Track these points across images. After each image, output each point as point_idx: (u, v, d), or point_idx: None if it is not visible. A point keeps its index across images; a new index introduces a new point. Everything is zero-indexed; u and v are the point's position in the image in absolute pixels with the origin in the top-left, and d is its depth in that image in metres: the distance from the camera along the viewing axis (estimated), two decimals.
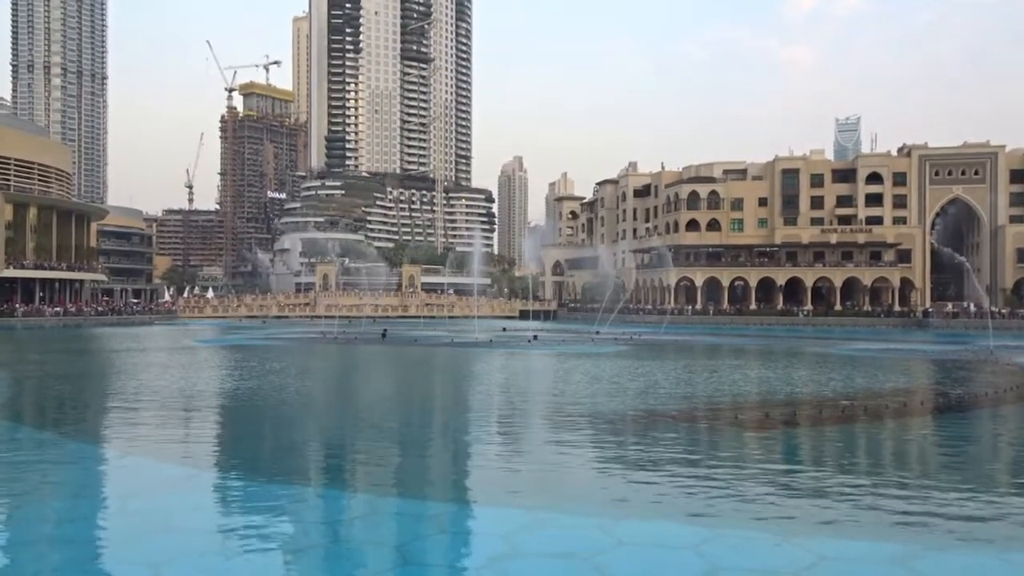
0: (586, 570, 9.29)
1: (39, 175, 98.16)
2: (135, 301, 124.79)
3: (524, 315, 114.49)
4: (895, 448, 18.57)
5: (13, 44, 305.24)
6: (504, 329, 70.28)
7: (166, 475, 14.68)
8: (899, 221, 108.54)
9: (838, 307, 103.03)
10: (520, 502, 12.56)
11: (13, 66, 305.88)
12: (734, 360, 41.94)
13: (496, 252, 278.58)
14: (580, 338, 59.59)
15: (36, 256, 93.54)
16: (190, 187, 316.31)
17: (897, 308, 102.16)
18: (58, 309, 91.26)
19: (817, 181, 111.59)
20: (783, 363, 39.70)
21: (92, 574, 9.42)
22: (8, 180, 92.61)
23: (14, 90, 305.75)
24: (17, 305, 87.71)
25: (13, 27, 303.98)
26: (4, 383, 30.76)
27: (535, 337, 56.45)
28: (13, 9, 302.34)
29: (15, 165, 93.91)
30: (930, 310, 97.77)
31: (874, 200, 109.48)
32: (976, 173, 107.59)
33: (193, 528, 11.04)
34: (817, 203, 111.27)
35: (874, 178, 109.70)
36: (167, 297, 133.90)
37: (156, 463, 15.64)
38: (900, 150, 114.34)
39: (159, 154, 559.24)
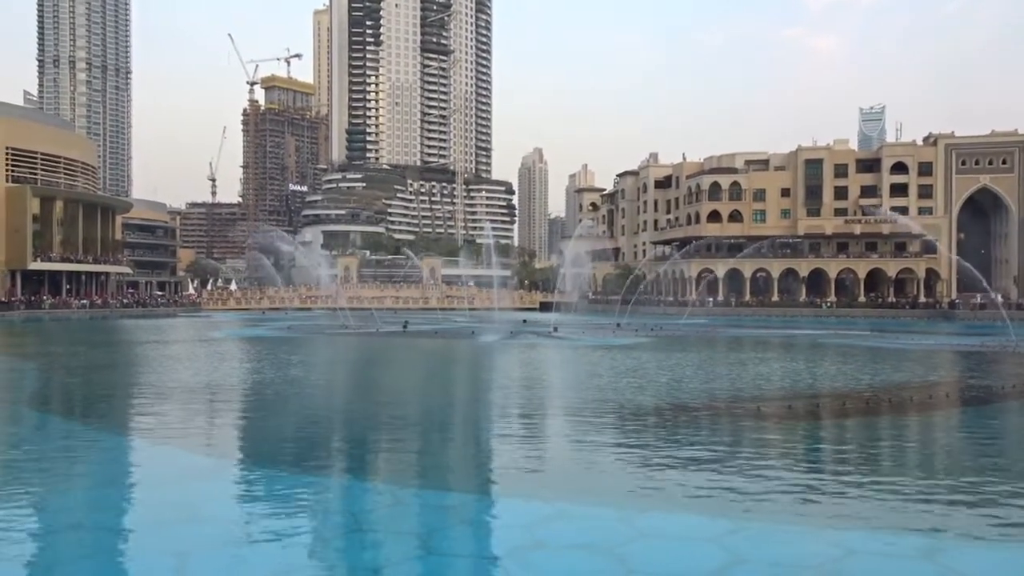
0: (608, 562, 9.27)
1: (65, 169, 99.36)
2: (160, 293, 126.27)
3: (545, 307, 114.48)
4: (920, 440, 18.38)
5: (39, 39, 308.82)
6: (525, 321, 70.24)
7: (192, 465, 14.84)
8: (925, 211, 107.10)
9: (862, 298, 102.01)
10: (542, 494, 12.55)
11: (39, 61, 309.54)
12: (756, 352, 41.64)
13: (516, 244, 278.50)
14: (601, 330, 59.44)
15: (63, 249, 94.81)
16: (213, 180, 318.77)
17: (923, 299, 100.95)
18: (84, 301, 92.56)
19: (841, 171, 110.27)
20: (806, 355, 39.37)
21: (119, 562, 9.54)
22: (35, 174, 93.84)
23: (40, 85, 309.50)
24: (45, 297, 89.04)
25: (39, 22, 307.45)
26: (33, 374, 31.23)
27: (555, 329, 56.39)
28: (39, 4, 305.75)
29: (42, 159, 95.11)
30: (956, 301, 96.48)
31: (899, 190, 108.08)
32: (1004, 162, 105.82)
33: (218, 517, 11.15)
34: (841, 193, 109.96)
35: (899, 168, 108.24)
36: (191, 289, 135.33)
37: (182, 453, 15.81)
38: (926, 139, 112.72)
39: (182, 147, 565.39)
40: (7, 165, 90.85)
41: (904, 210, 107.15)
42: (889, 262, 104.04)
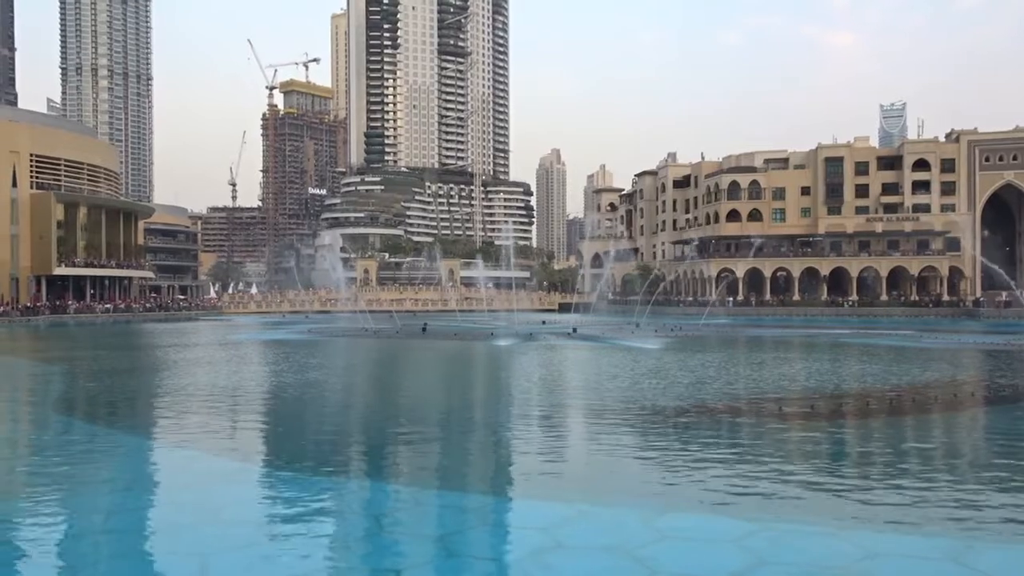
0: (628, 563, 9.22)
1: (88, 175, 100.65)
2: (181, 297, 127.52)
3: (564, 308, 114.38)
4: (946, 440, 18.13)
5: (62, 47, 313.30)
6: (544, 322, 70.17)
7: (214, 468, 14.93)
8: (947, 208, 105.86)
9: (884, 297, 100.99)
10: (561, 495, 12.52)
11: (62, 69, 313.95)
12: (777, 352, 41.33)
13: (535, 245, 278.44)
14: (620, 331, 59.21)
15: (86, 254, 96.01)
16: (233, 184, 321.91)
17: (946, 298, 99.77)
18: (108, 305, 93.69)
19: (862, 169, 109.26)
20: (828, 355, 39.02)
21: (143, 564, 9.62)
22: (59, 180, 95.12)
23: (63, 92, 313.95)
24: (69, 302, 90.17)
25: (62, 31, 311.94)
26: (58, 377, 31.61)
27: (575, 330, 56.27)
28: (62, 13, 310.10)
29: (65, 166, 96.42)
30: (981, 299, 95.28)
31: (921, 187, 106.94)
32: None
33: (241, 520, 11.21)
34: (862, 191, 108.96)
35: (921, 165, 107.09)
36: (212, 293, 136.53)
37: (205, 456, 15.93)
38: (948, 136, 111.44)
39: (203, 152, 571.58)
40: (32, 172, 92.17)
41: (926, 207, 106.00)
42: (912, 260, 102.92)
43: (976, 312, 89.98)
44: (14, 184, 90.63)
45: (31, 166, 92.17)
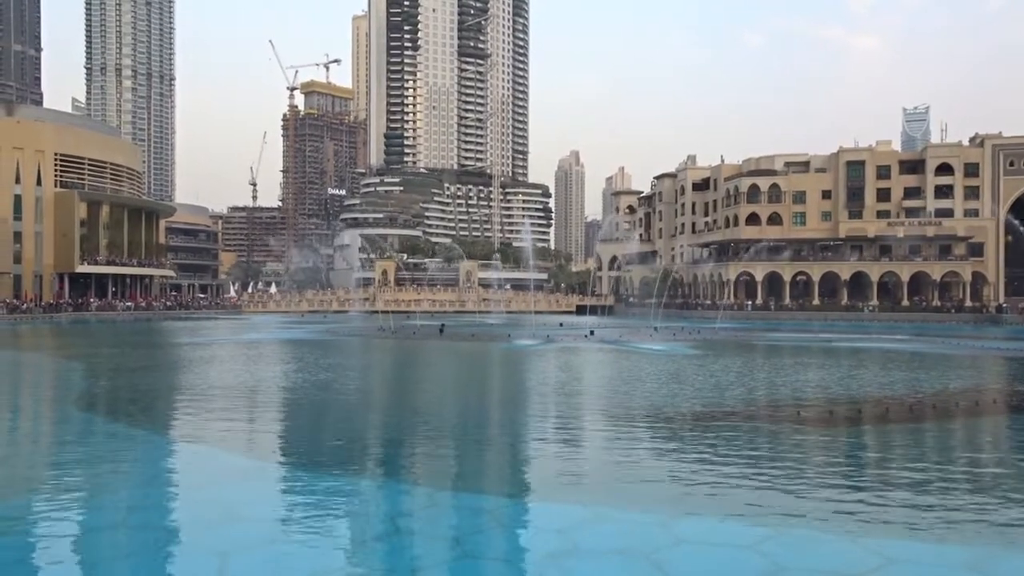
0: (645, 567, 9.21)
1: (111, 174, 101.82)
2: (202, 296, 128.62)
3: (581, 310, 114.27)
4: (966, 448, 17.93)
5: (87, 48, 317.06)
6: (561, 324, 70.09)
7: (233, 466, 15.07)
8: (970, 213, 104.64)
9: (906, 302, 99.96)
10: (578, 498, 12.52)
11: (87, 69, 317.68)
12: (796, 357, 41.02)
13: (553, 247, 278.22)
14: (638, 334, 59.01)
15: (108, 252, 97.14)
16: (254, 184, 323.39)
17: (969, 303, 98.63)
18: (129, 303, 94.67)
19: (884, 173, 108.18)
20: (847, 360, 38.71)
21: (162, 561, 9.72)
22: (83, 179, 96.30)
23: (88, 92, 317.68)
24: (91, 299, 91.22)
25: (87, 31, 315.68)
26: (79, 375, 31.98)
27: (592, 333, 56.17)
28: (87, 14, 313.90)
29: (89, 165, 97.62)
30: (1004, 305, 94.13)
31: (944, 192, 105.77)
32: None
33: (259, 518, 11.31)
34: (884, 195, 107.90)
35: (944, 169, 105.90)
36: (232, 292, 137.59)
37: (223, 454, 16.08)
38: (972, 140, 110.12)
39: (224, 152, 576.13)
40: (56, 171, 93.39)
41: (949, 212, 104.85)
42: (934, 265, 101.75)
43: (999, 318, 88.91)
44: (39, 182, 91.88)
45: (55, 165, 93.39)
